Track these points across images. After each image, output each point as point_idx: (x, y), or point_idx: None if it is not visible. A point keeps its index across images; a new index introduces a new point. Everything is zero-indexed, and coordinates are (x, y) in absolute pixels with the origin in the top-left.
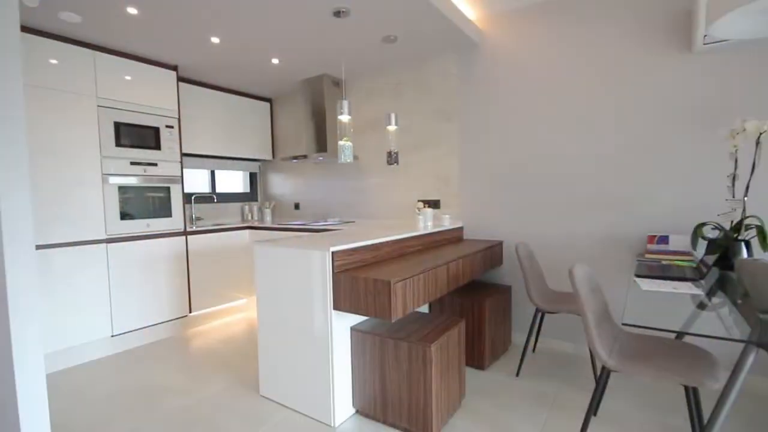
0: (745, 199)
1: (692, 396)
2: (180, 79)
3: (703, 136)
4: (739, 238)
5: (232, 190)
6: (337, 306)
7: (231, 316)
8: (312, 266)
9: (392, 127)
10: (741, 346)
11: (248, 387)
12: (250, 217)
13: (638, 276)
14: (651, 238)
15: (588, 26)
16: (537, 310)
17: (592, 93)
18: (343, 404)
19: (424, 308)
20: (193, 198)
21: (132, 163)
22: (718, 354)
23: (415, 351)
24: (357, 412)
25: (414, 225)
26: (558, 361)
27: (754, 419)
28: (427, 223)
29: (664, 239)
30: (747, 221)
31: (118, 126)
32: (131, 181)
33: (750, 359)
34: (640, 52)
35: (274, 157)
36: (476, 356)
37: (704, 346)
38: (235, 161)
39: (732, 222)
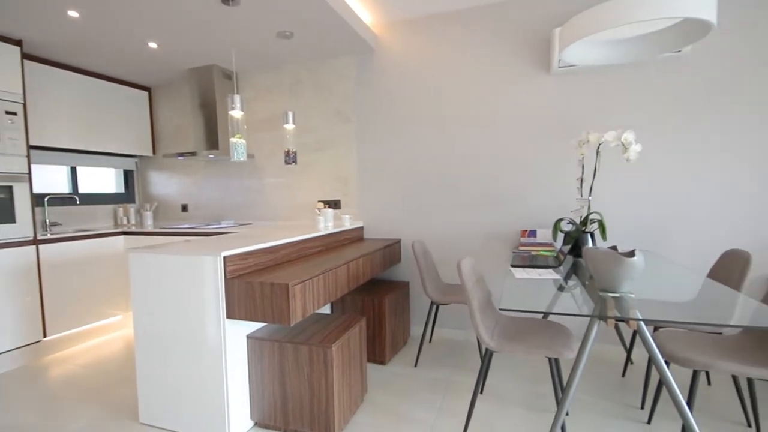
0: (590, 198)
1: (554, 365)
2: (26, 56)
3: (560, 144)
4: (586, 230)
5: (102, 190)
6: (231, 314)
7: (103, 336)
8: (201, 273)
9: (290, 126)
10: (588, 319)
11: (124, 415)
12: (125, 221)
13: (513, 266)
14: (523, 233)
15: (470, 43)
16: (432, 303)
17: (474, 102)
18: (239, 418)
19: (326, 309)
20: (46, 200)
21: None
22: (575, 328)
23: (316, 353)
24: (256, 424)
25: (314, 226)
26: (451, 348)
27: (598, 377)
28: (327, 223)
29: (533, 233)
30: (591, 216)
31: None
32: None
33: (594, 330)
34: (512, 69)
35: (155, 153)
36: (378, 352)
37: (564, 322)
38: (104, 157)
39: (581, 217)
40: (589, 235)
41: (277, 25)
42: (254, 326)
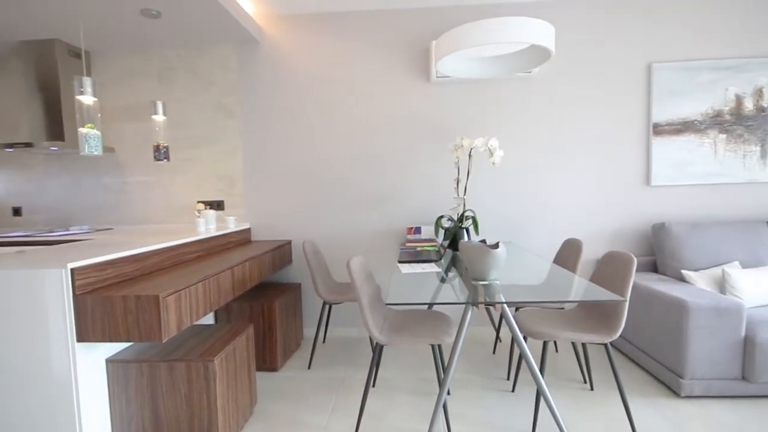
0: (465, 197)
1: (437, 351)
2: None
3: (440, 148)
4: (462, 226)
5: None
6: (85, 336)
7: None
8: (41, 291)
9: (159, 117)
10: (464, 306)
11: None
12: None
13: (400, 262)
14: (409, 230)
15: (357, 46)
16: (324, 303)
17: (361, 103)
18: None
19: (209, 319)
20: None
21: None
22: (455, 315)
23: (196, 369)
24: None
25: (194, 229)
26: (345, 346)
27: (473, 357)
28: (209, 226)
29: (418, 230)
30: (466, 213)
31: None
32: None
33: (468, 315)
34: (397, 75)
35: None
36: (269, 358)
37: (446, 310)
38: None
39: (458, 214)
40: (464, 231)
41: (139, 1)
42: (117, 347)
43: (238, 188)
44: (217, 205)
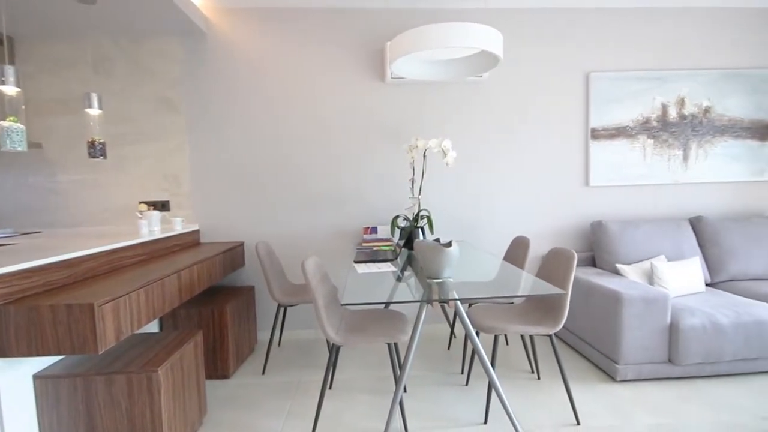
0: (420, 197)
1: (393, 349)
2: None
3: (395, 148)
4: (417, 225)
5: None
6: (7, 351)
7: None
8: None
9: (94, 111)
10: (419, 304)
11: None
12: None
13: (356, 262)
14: (365, 230)
15: (311, 43)
16: (279, 305)
17: (317, 102)
18: None
19: (153, 327)
20: None
21: None
22: (412, 314)
23: (138, 381)
24: None
25: (136, 232)
26: (302, 348)
27: (429, 353)
28: (152, 228)
29: (374, 230)
30: (422, 213)
31: None
32: None
33: (423, 313)
34: (353, 74)
35: None
36: (220, 365)
37: (402, 309)
38: None
39: (413, 214)
40: (420, 230)
41: None
42: (46, 361)
43: (185, 187)
44: (162, 206)
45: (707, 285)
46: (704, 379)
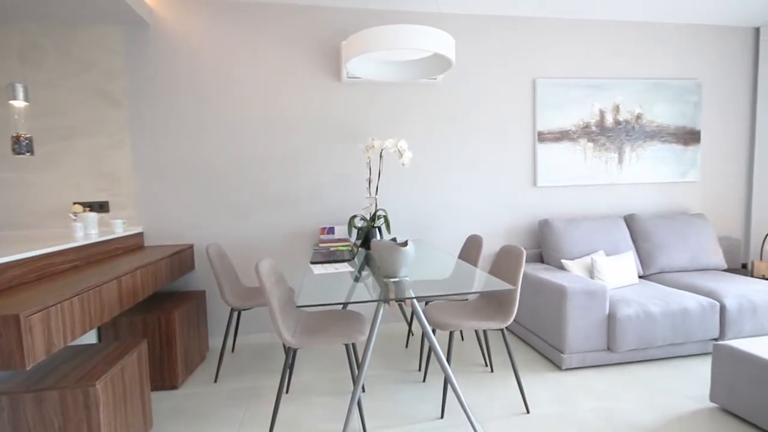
0: (376, 197)
1: (351, 350)
2: None
3: (351, 148)
4: (374, 225)
5: None
6: None
7: None
8: None
9: (19, 103)
10: (376, 303)
11: None
12: None
13: (313, 263)
14: (322, 230)
15: (264, 39)
16: (232, 310)
17: (270, 100)
18: None
19: (91, 337)
20: None
21: None
22: (369, 314)
23: (73, 397)
24: None
25: (70, 235)
26: (257, 353)
27: (387, 352)
28: (88, 231)
29: (331, 230)
30: (379, 212)
31: None
32: None
33: (381, 312)
34: (307, 73)
35: None
36: (168, 376)
37: (360, 309)
38: None
39: (370, 214)
40: (377, 230)
41: None
42: None
43: (127, 187)
44: (100, 207)
45: (640, 277)
46: (639, 364)
